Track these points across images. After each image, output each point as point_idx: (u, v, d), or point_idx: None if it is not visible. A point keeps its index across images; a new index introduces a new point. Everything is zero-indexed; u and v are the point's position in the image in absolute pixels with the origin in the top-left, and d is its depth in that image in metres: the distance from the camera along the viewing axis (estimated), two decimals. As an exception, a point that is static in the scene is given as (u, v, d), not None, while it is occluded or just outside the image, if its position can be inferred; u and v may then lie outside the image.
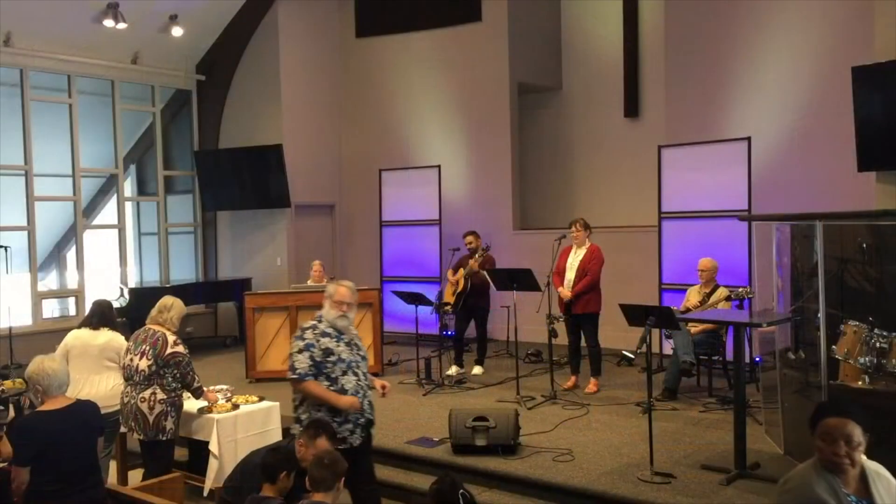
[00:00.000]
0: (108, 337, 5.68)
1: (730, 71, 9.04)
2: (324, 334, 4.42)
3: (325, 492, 3.53)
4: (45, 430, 3.98)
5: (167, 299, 5.41)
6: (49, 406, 4.09)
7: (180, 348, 5.23)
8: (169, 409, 5.12)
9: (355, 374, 4.45)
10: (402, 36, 11.72)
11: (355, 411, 4.38)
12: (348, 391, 4.37)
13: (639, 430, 6.07)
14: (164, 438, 5.10)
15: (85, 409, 4.22)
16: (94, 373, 5.57)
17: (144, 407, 5.05)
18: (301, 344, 4.39)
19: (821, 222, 5.13)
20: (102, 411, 4.46)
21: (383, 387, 4.76)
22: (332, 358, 4.37)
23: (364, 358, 4.60)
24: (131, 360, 5.20)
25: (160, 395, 5.10)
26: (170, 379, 5.16)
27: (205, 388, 5.54)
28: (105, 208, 11.70)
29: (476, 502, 3.80)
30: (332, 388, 4.36)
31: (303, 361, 4.34)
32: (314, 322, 4.49)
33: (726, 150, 8.31)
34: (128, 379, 5.21)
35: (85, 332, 5.66)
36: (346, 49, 12.25)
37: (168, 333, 5.23)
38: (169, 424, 5.10)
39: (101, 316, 5.75)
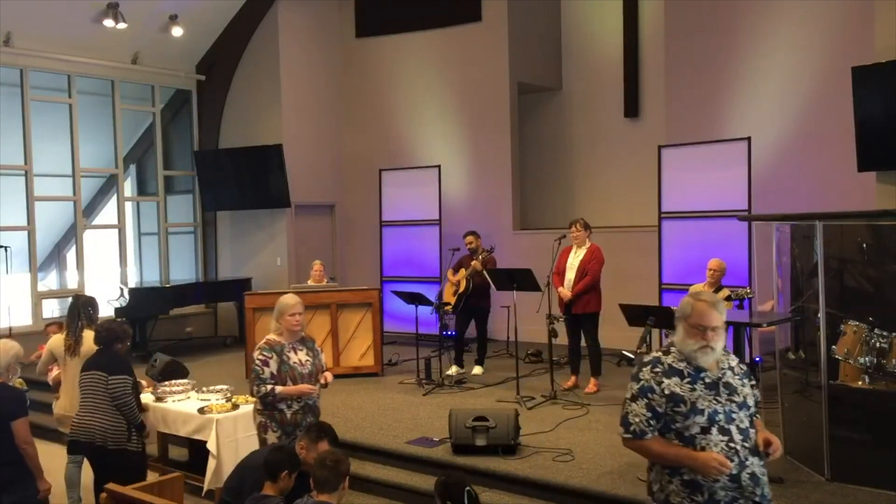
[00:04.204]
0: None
1: (730, 71, 9.04)
2: (670, 372, 3.09)
3: (330, 492, 3.54)
4: None
5: None
6: None
7: None
8: None
9: (724, 433, 3.01)
10: (402, 36, 11.72)
11: (715, 476, 2.96)
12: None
13: (639, 430, 6.06)
14: None
15: None
16: None
17: None
18: (635, 388, 3.13)
19: (821, 222, 5.14)
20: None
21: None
22: (683, 408, 3.05)
23: (743, 406, 3.09)
24: None
25: None
26: None
27: None
28: (105, 208, 11.71)
29: (480, 502, 3.82)
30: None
31: (637, 413, 3.10)
32: (658, 354, 3.18)
33: (726, 150, 8.31)
34: None
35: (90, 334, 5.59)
36: (346, 49, 12.25)
37: None
38: None
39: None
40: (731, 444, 2.99)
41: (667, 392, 3.03)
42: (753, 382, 3.19)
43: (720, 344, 3.05)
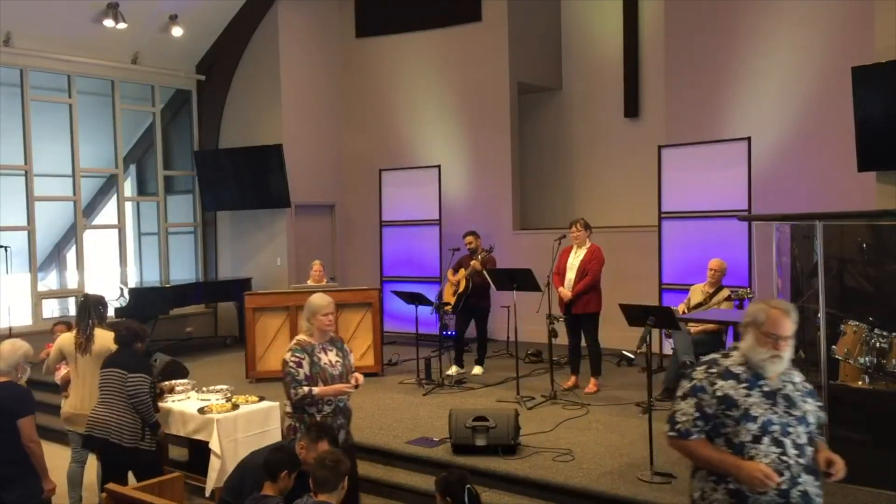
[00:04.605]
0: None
1: (730, 71, 9.04)
2: (726, 374, 2.97)
3: (330, 492, 3.54)
4: None
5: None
6: None
7: None
8: None
9: (777, 444, 2.87)
10: (402, 36, 11.72)
11: (759, 489, 2.83)
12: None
13: (639, 430, 6.07)
14: None
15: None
16: None
17: None
18: (686, 386, 3.04)
19: (821, 222, 5.14)
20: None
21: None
22: (735, 412, 2.92)
23: (802, 421, 2.94)
24: None
25: None
26: None
27: None
28: (105, 208, 11.71)
29: (480, 501, 3.82)
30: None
31: (685, 412, 3.00)
32: (716, 356, 3.09)
33: (726, 150, 8.31)
34: None
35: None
36: (346, 49, 12.26)
37: None
38: None
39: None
40: (784, 458, 2.84)
41: (719, 394, 2.92)
42: (820, 403, 3.06)
43: (790, 354, 2.94)
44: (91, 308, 5.60)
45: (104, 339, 5.44)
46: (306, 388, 4.41)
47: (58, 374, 6.00)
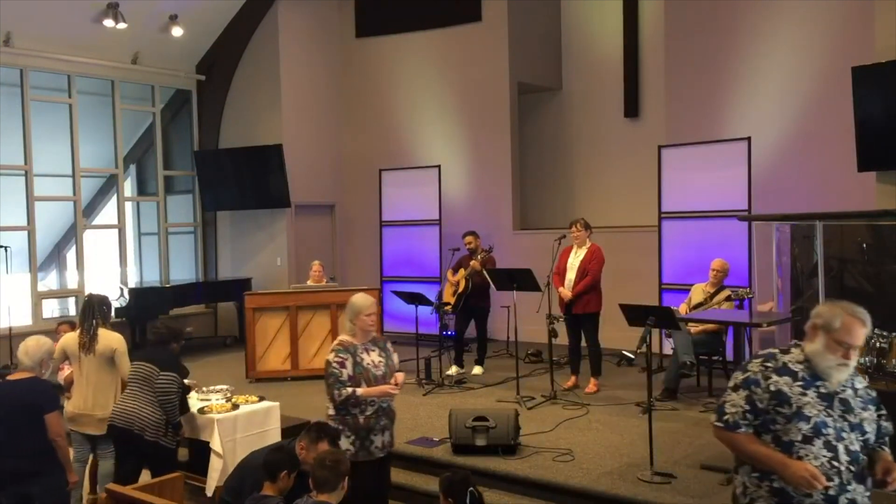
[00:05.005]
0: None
1: (730, 71, 9.04)
2: (782, 370, 2.88)
3: (330, 492, 3.54)
4: None
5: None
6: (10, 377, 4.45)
7: None
8: None
9: (830, 448, 2.79)
10: (402, 36, 11.72)
11: (804, 489, 2.76)
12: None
13: (639, 430, 6.07)
14: None
15: (24, 385, 4.43)
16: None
17: None
18: (739, 378, 2.95)
19: (821, 222, 5.15)
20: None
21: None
22: (787, 409, 2.83)
23: (857, 427, 2.85)
24: None
25: None
26: None
27: None
28: (105, 208, 11.71)
29: (484, 503, 3.83)
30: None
31: (735, 403, 2.92)
32: (774, 350, 3.00)
33: (726, 150, 8.31)
34: None
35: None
36: (346, 49, 12.26)
37: None
38: None
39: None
40: (835, 463, 2.76)
41: (773, 389, 2.83)
42: (883, 413, 2.95)
43: (856, 361, 2.86)
44: (95, 308, 5.61)
45: (108, 338, 5.46)
46: (350, 389, 4.32)
47: (61, 374, 6.00)
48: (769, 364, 2.89)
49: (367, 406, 4.40)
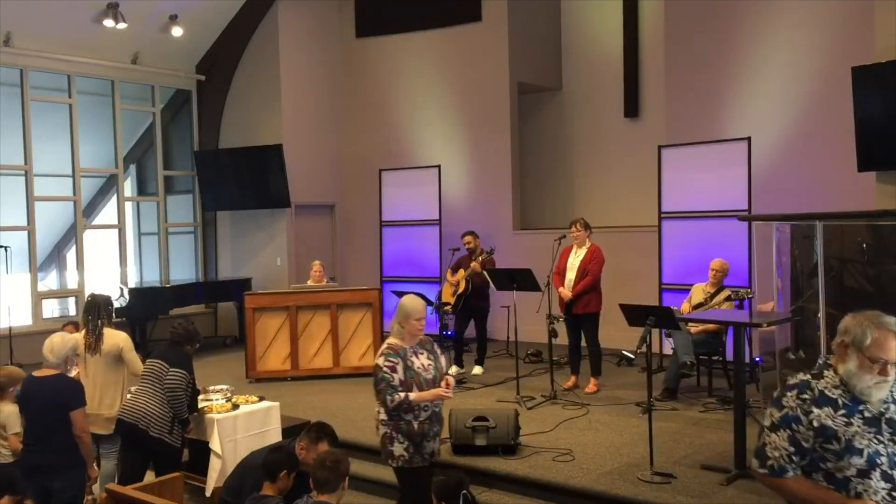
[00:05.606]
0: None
1: (730, 71, 9.04)
2: (821, 400, 2.61)
3: (330, 493, 3.53)
4: (23, 392, 4.51)
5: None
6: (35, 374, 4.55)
7: None
8: None
9: (887, 479, 2.55)
10: (402, 36, 11.72)
11: None
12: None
13: (639, 430, 6.07)
14: None
15: (51, 382, 4.49)
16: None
17: None
18: (777, 416, 2.65)
19: (821, 222, 5.14)
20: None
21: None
22: (836, 445, 2.57)
23: None
24: None
25: None
26: None
27: None
28: (105, 208, 11.71)
29: None
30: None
31: (778, 446, 2.63)
32: (806, 378, 2.69)
33: (726, 150, 8.31)
34: None
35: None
36: (346, 49, 12.26)
37: None
38: None
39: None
40: (895, 494, 2.52)
41: (816, 424, 2.55)
42: None
43: (894, 374, 2.57)
44: (101, 308, 5.64)
45: (114, 338, 5.51)
46: (402, 394, 4.23)
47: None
48: (805, 396, 2.61)
49: (421, 411, 4.33)
